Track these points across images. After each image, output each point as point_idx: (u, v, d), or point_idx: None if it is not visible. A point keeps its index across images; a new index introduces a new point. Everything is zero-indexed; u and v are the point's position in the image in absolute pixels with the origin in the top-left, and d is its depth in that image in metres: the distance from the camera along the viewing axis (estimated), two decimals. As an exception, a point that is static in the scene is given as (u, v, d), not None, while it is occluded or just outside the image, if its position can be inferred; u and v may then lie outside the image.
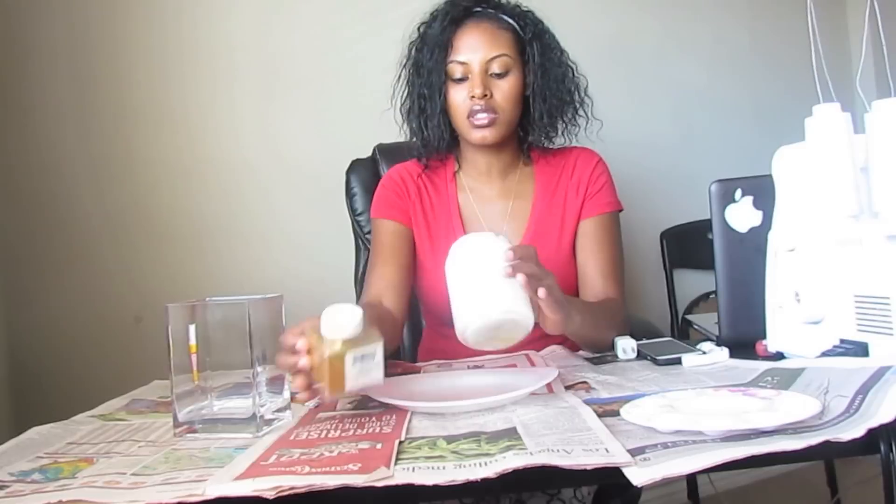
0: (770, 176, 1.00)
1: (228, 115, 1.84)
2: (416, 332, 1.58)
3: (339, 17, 1.93)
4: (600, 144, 1.39)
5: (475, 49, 1.25)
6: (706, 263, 1.16)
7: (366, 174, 1.67)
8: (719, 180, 1.08)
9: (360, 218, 1.65)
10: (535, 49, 1.29)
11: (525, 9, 1.32)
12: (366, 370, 0.73)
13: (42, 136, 1.71)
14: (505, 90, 1.26)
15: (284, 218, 1.88)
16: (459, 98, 1.26)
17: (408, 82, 1.33)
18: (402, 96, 1.35)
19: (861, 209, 0.89)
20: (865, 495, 1.88)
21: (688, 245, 2.15)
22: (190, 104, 1.81)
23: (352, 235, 1.68)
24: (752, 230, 1.05)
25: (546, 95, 1.29)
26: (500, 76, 1.25)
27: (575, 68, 1.33)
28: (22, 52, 1.70)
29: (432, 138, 1.31)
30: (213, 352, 0.83)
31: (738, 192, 1.06)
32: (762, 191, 1.02)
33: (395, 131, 1.47)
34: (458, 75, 1.26)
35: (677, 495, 2.09)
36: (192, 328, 0.83)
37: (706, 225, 1.10)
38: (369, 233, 1.60)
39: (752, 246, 1.03)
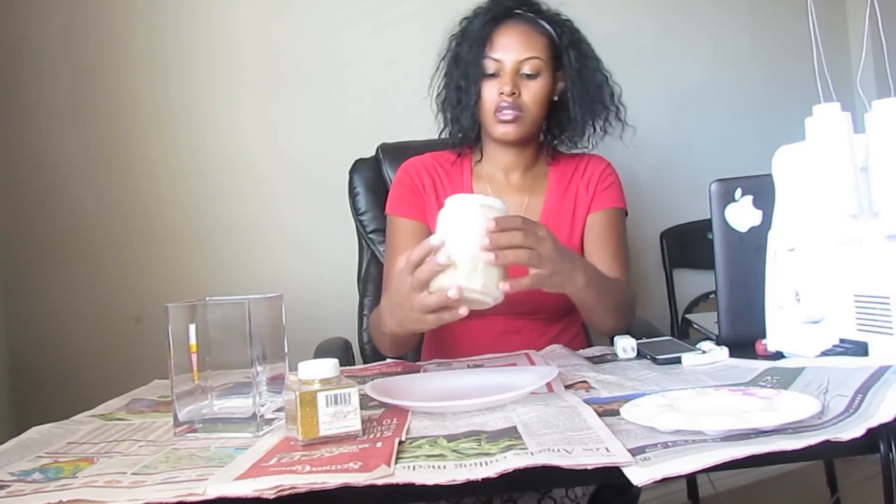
0: (770, 175, 1.00)
1: (228, 115, 1.84)
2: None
3: (339, 17, 1.93)
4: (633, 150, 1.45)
5: (510, 48, 1.30)
6: (706, 263, 1.16)
7: (369, 174, 1.67)
8: (719, 180, 1.08)
9: (363, 217, 1.65)
10: (572, 56, 1.34)
11: (564, 17, 1.36)
12: (341, 414, 0.74)
13: (42, 136, 1.71)
14: (533, 91, 1.30)
15: (285, 217, 1.88)
16: (489, 93, 1.31)
17: (446, 74, 1.38)
18: (439, 87, 1.40)
19: (861, 209, 0.89)
20: (865, 495, 1.88)
21: (688, 245, 2.15)
22: (190, 104, 1.81)
23: (354, 235, 1.68)
24: (752, 230, 1.05)
25: (584, 100, 1.35)
26: (530, 77, 1.30)
27: (610, 76, 1.38)
28: (22, 52, 1.70)
29: (466, 127, 1.36)
30: (213, 351, 0.83)
31: (738, 192, 1.06)
32: (762, 190, 1.02)
33: (397, 130, 1.47)
34: (490, 71, 1.30)
35: (677, 495, 2.09)
36: (192, 328, 0.83)
37: (706, 225, 1.10)
38: (372, 232, 1.61)
39: (752, 245, 1.04)
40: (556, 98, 1.36)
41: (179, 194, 1.80)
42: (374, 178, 1.64)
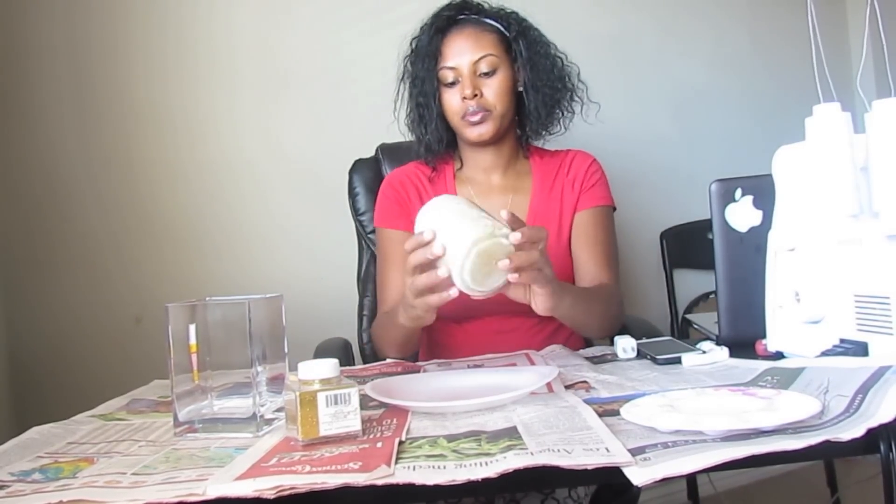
0: (770, 175, 1.00)
1: (229, 115, 1.84)
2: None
3: (339, 17, 1.93)
4: (599, 126, 1.45)
5: (462, 53, 1.31)
6: (706, 263, 1.16)
7: (368, 174, 1.67)
8: (719, 180, 1.08)
9: (362, 218, 1.65)
10: (521, 45, 1.34)
11: (508, 10, 1.37)
12: (341, 414, 0.74)
13: (42, 137, 1.71)
14: (494, 87, 1.31)
15: (285, 217, 1.88)
16: (453, 101, 1.32)
17: (407, 94, 1.40)
18: (405, 109, 1.41)
19: (861, 209, 0.89)
20: (865, 495, 1.88)
21: (688, 245, 2.15)
22: (190, 104, 1.81)
23: (354, 235, 1.68)
24: (752, 230, 1.05)
25: (538, 87, 1.34)
26: (488, 75, 1.31)
27: (565, 58, 1.39)
28: (22, 52, 1.70)
29: (433, 142, 1.37)
30: (213, 351, 0.83)
31: (738, 192, 1.06)
32: (762, 190, 1.02)
33: (397, 131, 1.47)
34: (449, 80, 1.32)
35: (677, 495, 2.09)
36: (192, 328, 0.83)
37: (706, 225, 1.10)
38: (372, 232, 1.61)
39: (752, 245, 1.04)
40: (520, 89, 1.36)
41: (179, 194, 1.80)
42: (373, 178, 1.64)
